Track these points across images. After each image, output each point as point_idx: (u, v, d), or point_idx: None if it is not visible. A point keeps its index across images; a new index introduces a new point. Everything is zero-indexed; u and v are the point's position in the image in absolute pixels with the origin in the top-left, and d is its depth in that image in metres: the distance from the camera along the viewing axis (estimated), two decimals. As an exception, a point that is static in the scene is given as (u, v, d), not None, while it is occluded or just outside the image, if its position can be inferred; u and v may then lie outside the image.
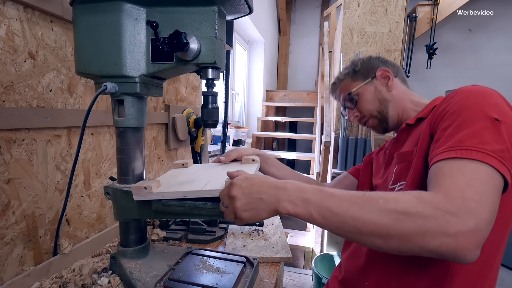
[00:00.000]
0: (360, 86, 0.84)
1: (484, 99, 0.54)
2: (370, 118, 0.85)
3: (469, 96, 0.56)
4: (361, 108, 0.85)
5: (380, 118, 0.84)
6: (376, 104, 0.83)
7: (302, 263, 2.59)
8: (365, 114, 0.85)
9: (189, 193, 0.60)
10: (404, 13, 2.11)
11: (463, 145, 0.48)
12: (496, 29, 4.40)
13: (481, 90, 0.56)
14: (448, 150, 0.49)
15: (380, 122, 0.85)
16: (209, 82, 0.62)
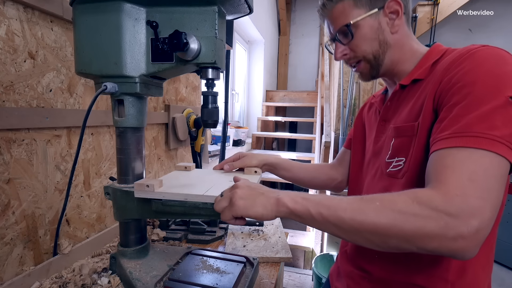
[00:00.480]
0: (363, 17, 0.66)
1: (499, 68, 0.47)
2: (362, 61, 0.70)
3: (482, 64, 0.48)
4: (356, 46, 0.69)
5: (373, 64, 0.70)
6: (375, 46, 0.68)
7: (302, 263, 2.59)
8: (357, 54, 0.69)
9: (191, 197, 0.60)
10: (404, 13, 2.11)
11: (470, 130, 0.44)
12: (496, 29, 4.40)
13: (496, 55, 0.49)
14: (453, 137, 0.45)
15: (371, 69, 0.71)
16: (209, 82, 0.62)
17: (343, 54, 0.71)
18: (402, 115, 0.64)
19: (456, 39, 4.56)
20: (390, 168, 0.63)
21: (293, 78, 4.94)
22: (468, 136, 0.43)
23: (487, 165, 0.42)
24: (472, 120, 0.44)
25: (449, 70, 0.53)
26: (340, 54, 0.71)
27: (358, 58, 0.70)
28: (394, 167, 0.62)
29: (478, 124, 0.44)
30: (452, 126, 0.46)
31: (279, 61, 4.85)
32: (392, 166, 0.62)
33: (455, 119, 0.46)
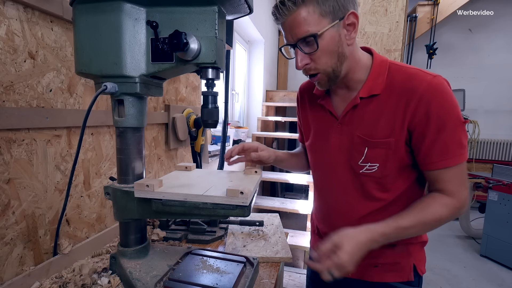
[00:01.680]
0: (327, 27, 0.65)
1: (451, 100, 0.68)
2: (321, 73, 0.72)
3: (444, 102, 0.67)
4: (318, 57, 0.69)
5: (332, 76, 0.72)
6: (334, 59, 0.70)
7: (302, 263, 2.59)
8: (318, 67, 0.70)
9: (190, 197, 0.60)
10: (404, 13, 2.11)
11: (451, 154, 0.68)
12: (496, 29, 4.40)
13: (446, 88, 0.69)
14: (440, 161, 0.69)
15: (330, 80, 0.73)
16: (209, 82, 0.62)
17: (304, 64, 0.71)
18: (369, 127, 0.74)
19: (456, 39, 4.56)
20: (364, 170, 0.76)
21: (293, 78, 4.93)
22: (450, 158, 0.68)
23: (463, 171, 0.71)
24: (449, 146, 0.68)
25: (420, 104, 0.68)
26: (302, 63, 0.70)
27: (317, 71, 0.71)
28: (368, 169, 0.76)
29: (453, 148, 0.68)
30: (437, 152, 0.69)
31: (279, 61, 4.85)
32: (366, 169, 0.76)
33: (438, 147, 0.68)
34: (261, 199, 2.95)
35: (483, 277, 2.63)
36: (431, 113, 0.67)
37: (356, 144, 0.76)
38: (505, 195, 2.76)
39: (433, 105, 0.67)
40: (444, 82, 0.70)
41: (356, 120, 0.76)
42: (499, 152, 4.55)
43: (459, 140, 0.68)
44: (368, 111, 0.74)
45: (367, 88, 0.74)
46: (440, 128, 0.67)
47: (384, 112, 0.72)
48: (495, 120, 4.55)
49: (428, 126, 0.68)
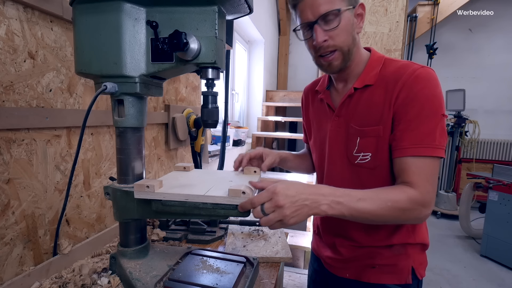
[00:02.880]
0: (347, 8, 0.71)
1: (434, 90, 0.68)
2: (339, 51, 0.74)
3: (425, 87, 0.68)
4: (337, 35, 0.71)
5: (346, 56, 0.75)
6: (350, 39, 0.73)
7: (302, 263, 2.59)
8: (336, 43, 0.72)
9: (191, 197, 0.60)
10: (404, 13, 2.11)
11: (422, 143, 0.67)
12: (496, 29, 4.40)
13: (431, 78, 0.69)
14: (412, 147, 0.67)
15: (343, 61, 0.75)
16: (209, 82, 0.62)
17: (325, 40, 0.72)
18: (362, 117, 0.76)
19: (456, 39, 4.56)
20: (358, 160, 0.78)
21: (293, 78, 4.94)
22: (422, 147, 0.67)
23: (434, 167, 0.68)
24: (423, 134, 0.67)
25: (403, 89, 0.69)
26: (322, 38, 0.71)
27: (335, 47, 0.73)
28: (362, 159, 0.77)
29: (427, 137, 0.67)
30: (410, 138, 0.68)
31: (279, 61, 4.85)
32: (360, 159, 0.78)
33: (412, 133, 0.68)
34: (261, 199, 2.95)
35: (483, 277, 2.63)
36: (411, 97, 0.68)
37: (351, 134, 0.78)
38: (505, 195, 2.76)
39: (414, 89, 0.68)
40: (431, 73, 0.70)
41: (351, 111, 0.78)
42: (499, 152, 4.55)
43: (433, 131, 0.67)
44: (362, 102, 0.76)
45: (361, 79, 0.76)
46: (416, 113, 0.67)
47: (374, 101, 0.74)
48: (495, 120, 4.55)
49: (405, 109, 0.68)
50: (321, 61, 0.77)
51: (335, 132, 0.82)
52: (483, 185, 2.99)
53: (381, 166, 0.75)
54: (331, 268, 0.89)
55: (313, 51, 0.77)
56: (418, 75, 0.69)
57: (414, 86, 0.68)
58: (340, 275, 0.86)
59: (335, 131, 0.82)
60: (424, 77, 0.68)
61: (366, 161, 0.76)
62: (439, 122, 0.67)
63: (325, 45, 0.72)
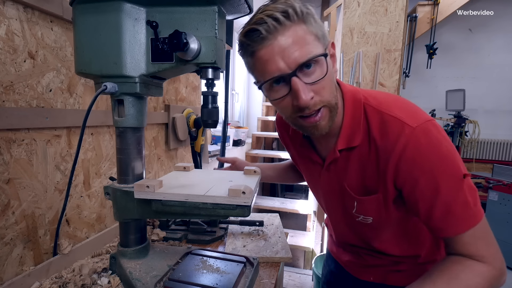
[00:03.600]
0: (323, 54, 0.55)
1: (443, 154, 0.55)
2: (325, 107, 0.58)
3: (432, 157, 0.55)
4: (323, 88, 0.56)
5: (333, 113, 0.60)
6: (334, 89, 0.59)
7: (302, 263, 2.59)
8: (323, 98, 0.56)
9: (191, 197, 0.60)
10: (404, 13, 2.11)
11: (459, 219, 0.55)
12: (496, 29, 4.40)
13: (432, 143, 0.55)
14: (449, 227, 0.56)
15: (331, 119, 0.60)
16: (209, 82, 0.62)
17: (311, 97, 0.55)
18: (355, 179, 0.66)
19: (456, 39, 4.56)
20: (360, 220, 0.69)
21: (293, 78, 4.93)
22: (461, 221, 0.55)
23: (484, 228, 0.57)
24: (454, 211, 0.55)
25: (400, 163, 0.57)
26: (308, 96, 0.54)
27: (322, 104, 0.57)
28: (363, 220, 0.69)
29: (460, 212, 0.55)
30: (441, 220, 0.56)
31: (279, 61, 4.84)
32: (361, 219, 0.69)
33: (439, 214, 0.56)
34: (261, 199, 2.95)
35: (483, 277, 2.63)
36: (417, 175, 0.55)
37: (346, 195, 0.69)
38: (505, 195, 2.76)
39: (418, 165, 0.55)
40: (427, 132, 0.55)
41: (341, 171, 0.68)
42: (499, 152, 4.55)
43: (463, 200, 0.55)
44: (351, 163, 0.65)
45: (344, 138, 0.63)
46: (433, 191, 0.55)
47: (367, 167, 0.63)
48: (495, 120, 4.55)
49: (417, 189, 0.56)
50: (302, 123, 0.59)
51: (328, 186, 0.73)
52: (483, 185, 2.99)
53: (387, 225, 0.68)
54: (353, 271, 0.84)
55: (289, 111, 0.59)
56: (414, 145, 0.55)
57: (415, 160, 0.55)
58: (363, 279, 0.81)
59: (328, 186, 0.73)
60: (421, 144, 0.55)
61: (369, 222, 0.68)
62: (464, 186, 0.55)
63: (312, 104, 0.55)
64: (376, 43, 2.17)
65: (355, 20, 2.19)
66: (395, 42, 2.14)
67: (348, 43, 2.23)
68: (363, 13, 2.16)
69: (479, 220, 0.56)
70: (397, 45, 2.13)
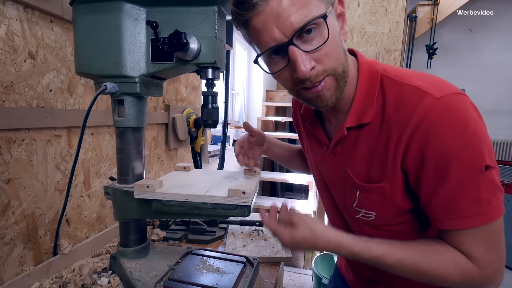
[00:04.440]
0: (329, 10, 0.48)
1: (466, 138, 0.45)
2: (329, 76, 0.51)
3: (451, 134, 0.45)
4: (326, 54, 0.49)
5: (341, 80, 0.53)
6: (342, 55, 0.51)
7: (302, 263, 2.59)
8: (327, 66, 0.50)
9: (191, 197, 0.60)
10: (404, 13, 2.11)
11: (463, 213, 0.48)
12: (496, 29, 4.40)
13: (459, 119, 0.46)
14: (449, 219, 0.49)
15: (338, 88, 0.53)
16: (209, 82, 0.62)
17: (312, 67, 0.49)
18: (360, 163, 0.58)
19: (456, 39, 4.56)
20: (360, 216, 0.61)
21: (293, 78, 4.93)
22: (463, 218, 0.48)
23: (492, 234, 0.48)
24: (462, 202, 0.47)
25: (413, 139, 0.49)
26: (309, 66, 0.48)
27: (326, 73, 0.50)
28: (364, 216, 0.60)
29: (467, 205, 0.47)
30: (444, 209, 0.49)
31: (279, 61, 4.84)
32: (362, 215, 0.61)
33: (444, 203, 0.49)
34: (261, 199, 2.95)
35: (483, 277, 2.63)
36: (427, 154, 0.47)
37: (348, 184, 0.61)
38: (505, 195, 2.76)
39: (430, 142, 0.47)
40: (454, 105, 0.46)
41: (347, 152, 0.60)
42: (499, 152, 4.55)
43: (474, 195, 0.46)
44: (360, 143, 0.57)
45: (355, 114, 0.56)
46: (440, 175, 0.47)
47: (377, 149, 0.55)
48: (495, 120, 4.55)
49: (423, 171, 0.49)
50: (305, 94, 0.53)
51: (332, 172, 0.65)
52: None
53: (390, 225, 0.59)
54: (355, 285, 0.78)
55: (290, 84, 0.54)
56: (432, 118, 0.46)
57: (429, 137, 0.47)
58: None
59: (332, 171, 0.65)
60: (441, 119, 0.46)
61: (371, 219, 0.60)
62: (483, 180, 0.46)
63: (314, 75, 0.49)
64: (376, 43, 2.17)
65: (355, 20, 2.19)
66: (395, 42, 2.14)
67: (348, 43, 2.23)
68: (363, 13, 2.16)
69: (490, 221, 0.47)
70: (397, 45, 2.13)
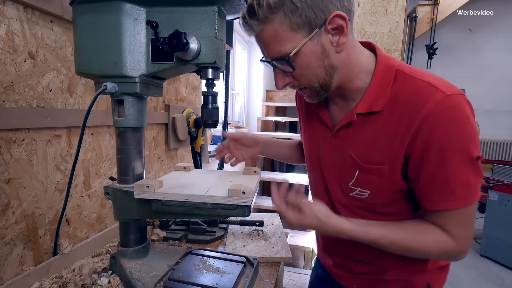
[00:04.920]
0: (303, 43, 0.56)
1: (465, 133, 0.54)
2: (307, 88, 0.64)
3: (452, 130, 0.54)
4: (299, 76, 0.61)
5: (320, 90, 0.63)
6: (320, 74, 0.60)
7: (302, 263, 2.59)
8: (301, 83, 0.62)
9: (191, 197, 0.60)
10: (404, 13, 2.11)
11: (454, 195, 0.57)
12: (496, 29, 4.40)
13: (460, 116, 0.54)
14: (442, 201, 0.58)
15: (318, 94, 0.64)
16: (209, 82, 0.62)
17: (286, 84, 0.63)
18: (364, 148, 0.64)
19: (456, 39, 4.56)
20: (354, 194, 0.68)
21: (293, 78, 4.93)
22: (454, 200, 0.57)
23: (470, 213, 0.59)
24: (454, 186, 0.56)
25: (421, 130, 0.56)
26: (282, 84, 0.63)
27: (303, 85, 0.63)
28: (358, 194, 0.67)
29: (459, 188, 0.56)
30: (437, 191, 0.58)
31: (279, 61, 4.84)
32: (356, 193, 0.68)
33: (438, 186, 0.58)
34: (261, 199, 2.96)
35: (483, 277, 2.63)
36: (432, 142, 0.55)
37: (348, 164, 0.67)
38: (505, 195, 2.76)
39: (437, 132, 0.55)
40: (459, 104, 0.55)
41: (351, 138, 0.66)
42: (499, 152, 4.55)
43: (465, 180, 0.56)
44: (366, 130, 0.64)
45: (367, 102, 0.62)
46: (441, 162, 0.56)
47: (382, 135, 0.61)
48: (495, 120, 4.55)
49: (426, 157, 0.57)
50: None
51: (331, 154, 0.71)
52: (483, 185, 2.99)
53: (380, 204, 0.66)
54: (337, 277, 0.82)
55: None
56: (441, 112, 0.54)
57: (436, 128, 0.55)
58: (347, 286, 0.79)
59: (330, 154, 0.71)
60: (448, 114, 0.54)
61: (364, 197, 0.67)
62: (472, 167, 0.56)
63: (290, 86, 0.64)
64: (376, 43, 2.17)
65: (355, 20, 2.19)
66: (395, 42, 2.14)
67: (348, 43, 2.23)
68: (363, 13, 2.16)
69: (473, 202, 0.58)
70: (397, 45, 2.13)
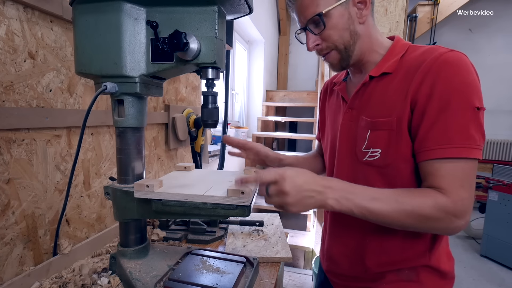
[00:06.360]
0: (334, 6, 0.66)
1: (466, 79, 0.57)
2: (333, 50, 0.70)
3: (455, 77, 0.57)
4: (328, 36, 0.68)
5: (344, 54, 0.70)
6: (346, 36, 0.68)
7: (302, 263, 2.59)
8: (329, 44, 0.69)
9: (191, 197, 0.60)
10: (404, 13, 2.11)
11: (452, 143, 0.56)
12: (496, 29, 4.40)
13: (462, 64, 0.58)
14: (438, 148, 0.57)
15: (342, 59, 0.71)
16: (209, 82, 0.62)
17: (316, 44, 0.70)
18: (374, 108, 0.68)
19: (456, 39, 4.56)
20: (367, 158, 0.69)
21: (293, 78, 4.93)
22: (450, 147, 0.56)
23: (469, 170, 0.57)
24: (452, 132, 0.57)
25: (426, 77, 0.60)
26: (312, 44, 0.70)
27: (330, 48, 0.70)
28: (370, 157, 0.68)
29: (458, 135, 0.56)
30: (435, 137, 0.58)
31: (279, 61, 4.84)
32: (368, 156, 0.69)
33: (437, 131, 0.58)
34: (261, 199, 2.95)
35: (483, 277, 2.63)
36: (436, 87, 0.58)
37: (361, 128, 0.70)
38: (505, 195, 2.76)
39: (440, 78, 0.57)
40: (461, 57, 0.59)
41: (364, 102, 0.71)
42: (499, 152, 4.55)
43: (465, 128, 0.56)
44: (377, 91, 0.69)
45: (379, 67, 0.69)
46: (442, 107, 0.57)
47: (390, 91, 0.66)
48: (495, 120, 4.55)
49: (429, 102, 0.58)
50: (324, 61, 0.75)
51: (346, 126, 0.75)
52: (483, 185, 2.99)
53: (392, 165, 0.66)
54: (334, 283, 0.82)
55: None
56: (445, 59, 0.58)
57: (439, 73, 0.58)
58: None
59: (346, 125, 0.75)
60: (452, 62, 0.58)
61: (376, 158, 0.67)
62: (473, 116, 0.56)
63: (318, 49, 0.71)
64: (376, 43, 2.17)
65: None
66: (395, 42, 2.14)
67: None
68: (363, 13, 2.16)
69: (470, 156, 0.56)
70: (397, 45, 2.13)
